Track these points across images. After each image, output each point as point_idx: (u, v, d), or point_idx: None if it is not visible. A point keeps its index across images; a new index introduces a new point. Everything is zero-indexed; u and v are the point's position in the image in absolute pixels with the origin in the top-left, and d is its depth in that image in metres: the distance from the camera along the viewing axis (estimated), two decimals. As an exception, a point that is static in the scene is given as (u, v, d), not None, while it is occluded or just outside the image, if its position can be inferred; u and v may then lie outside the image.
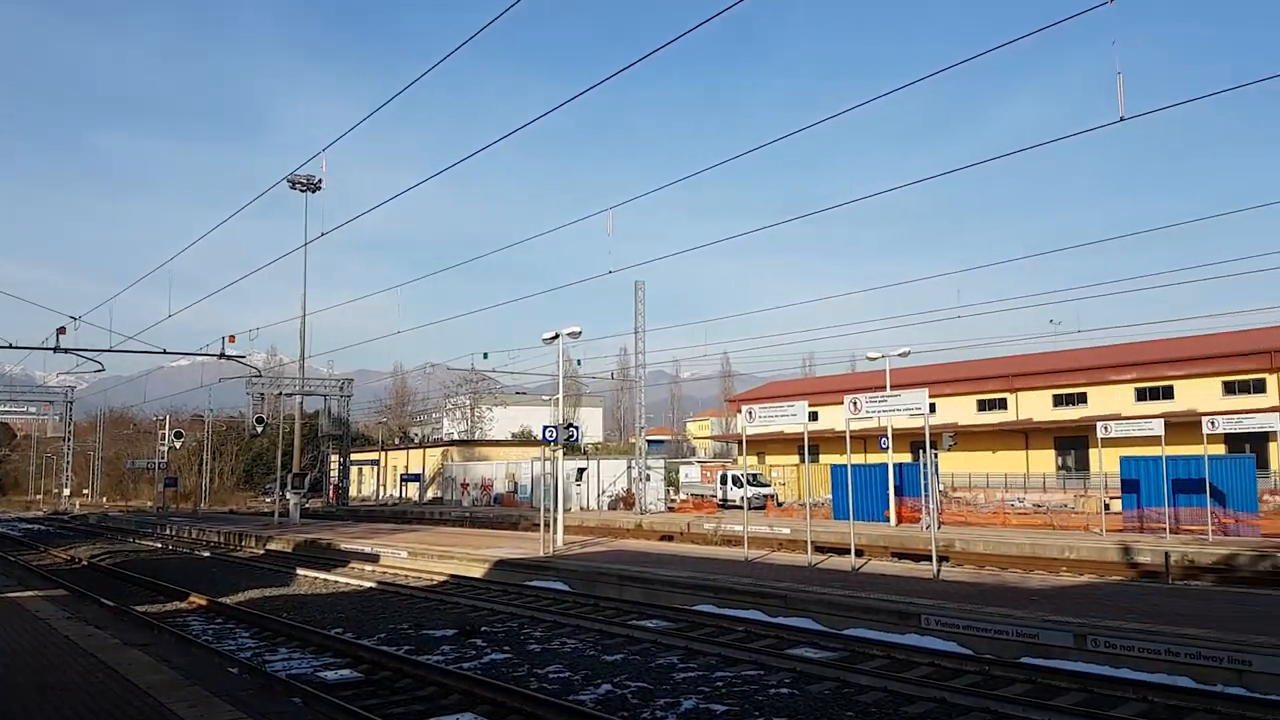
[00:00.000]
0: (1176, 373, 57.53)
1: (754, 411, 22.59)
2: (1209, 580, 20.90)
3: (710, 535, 33.70)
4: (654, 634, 14.14)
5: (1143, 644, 11.35)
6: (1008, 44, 14.72)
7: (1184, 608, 13.89)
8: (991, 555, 25.61)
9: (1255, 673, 10.27)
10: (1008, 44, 14.72)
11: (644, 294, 43.36)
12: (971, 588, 16.66)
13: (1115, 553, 23.88)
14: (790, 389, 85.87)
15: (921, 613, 13.77)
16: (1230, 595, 15.99)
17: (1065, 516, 35.75)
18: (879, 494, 35.26)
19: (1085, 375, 61.68)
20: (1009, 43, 14.67)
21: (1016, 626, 12.54)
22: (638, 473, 44.58)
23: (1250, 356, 54.41)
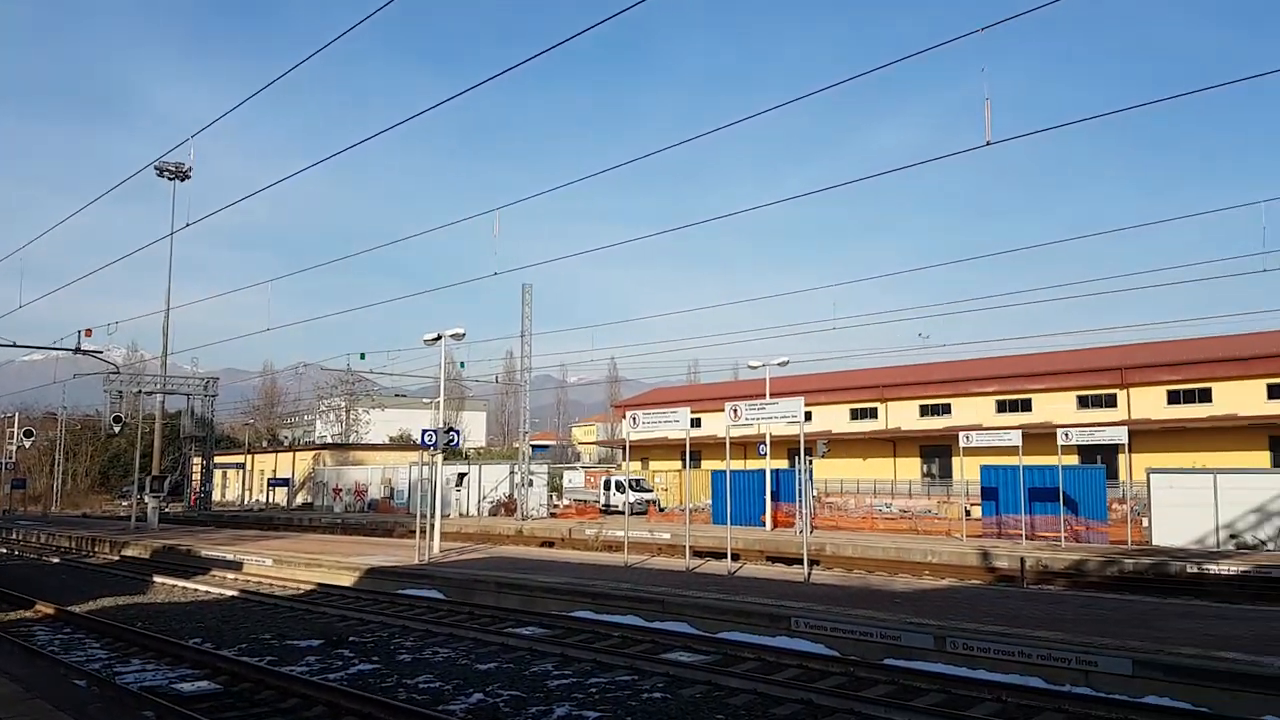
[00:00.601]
0: (1035, 386, 60.75)
1: (638, 417, 22.71)
2: (1061, 584, 22.09)
3: (592, 541, 33.67)
4: (529, 641, 14.01)
5: (998, 646, 11.87)
6: (883, 67, 15.24)
7: (1037, 611, 14.61)
8: (860, 559, 26.43)
9: (1100, 673, 10.87)
10: (883, 67, 15.24)
11: (531, 297, 43.07)
12: (840, 590, 17.13)
13: (975, 557, 24.97)
14: (675, 395, 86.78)
15: (792, 615, 14.07)
16: (1080, 599, 16.91)
17: (929, 522, 37.24)
18: (756, 499, 35.98)
19: (950, 387, 64.51)
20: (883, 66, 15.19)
21: (880, 628, 12.95)
22: (520, 478, 44.19)
23: (1103, 373, 57.94)
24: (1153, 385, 56.12)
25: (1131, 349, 58.96)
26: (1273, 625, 12.92)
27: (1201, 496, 27.86)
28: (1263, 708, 9.47)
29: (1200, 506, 27.77)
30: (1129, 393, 56.81)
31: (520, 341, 43.08)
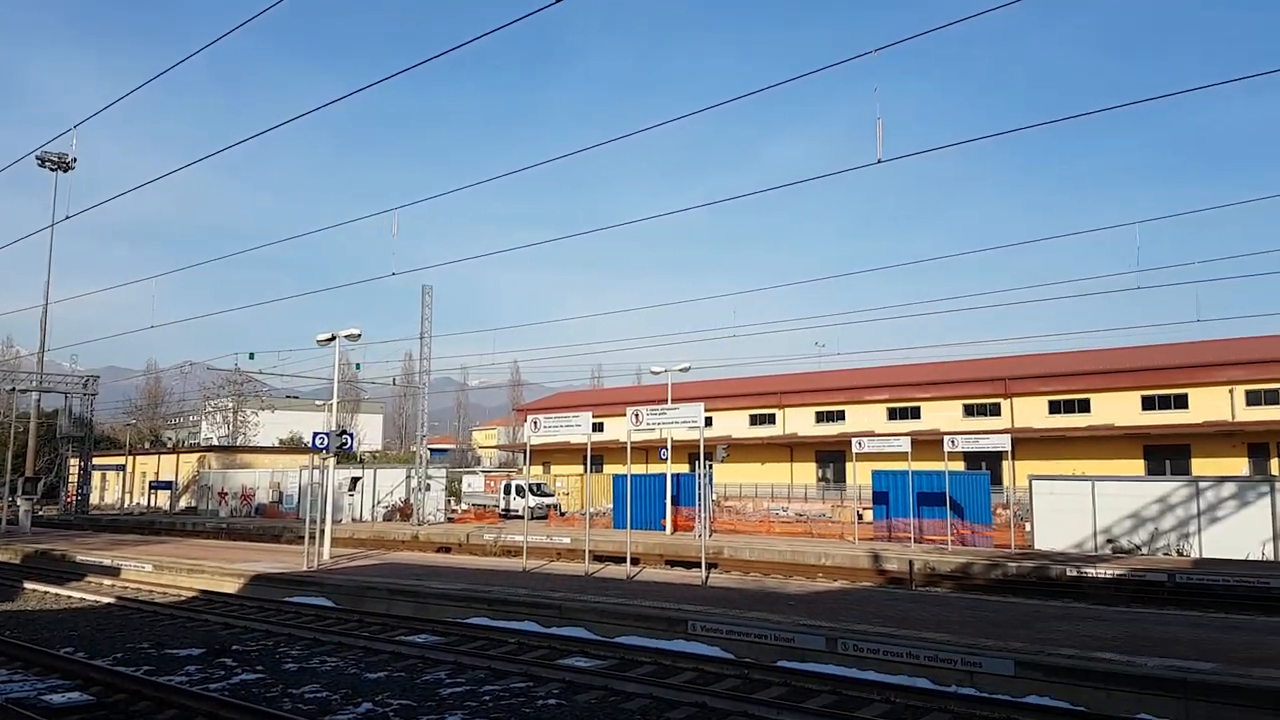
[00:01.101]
0: (924, 395, 62.76)
1: (539, 421, 22.51)
2: (948, 586, 22.79)
3: (490, 546, 33.22)
4: (422, 649, 13.68)
5: (887, 647, 12.13)
6: (779, 84, 15.51)
7: (925, 613, 15.01)
8: (757, 562, 26.76)
9: (985, 674, 11.21)
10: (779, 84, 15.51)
11: (432, 299, 42.32)
12: (737, 593, 17.28)
13: (866, 560, 25.57)
14: (577, 399, 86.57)
15: (689, 619, 14.11)
16: (965, 601, 17.45)
17: (824, 525, 38.00)
18: (657, 503, 36.11)
19: (844, 395, 66.15)
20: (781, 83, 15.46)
21: (775, 631, 13.10)
22: (417, 482, 43.33)
23: (988, 383, 60.26)
24: (1035, 395, 58.61)
25: (1015, 361, 61.50)
26: (1146, 627, 13.54)
27: (1080, 503, 29.14)
28: (1137, 706, 9.90)
29: (1079, 512, 29.03)
30: (1012, 402, 59.20)
31: (419, 343, 42.30)
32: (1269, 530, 26.02)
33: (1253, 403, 51.67)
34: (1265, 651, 11.30)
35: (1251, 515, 26.45)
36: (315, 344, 25.20)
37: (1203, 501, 27.17)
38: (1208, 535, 26.84)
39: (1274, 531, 25.96)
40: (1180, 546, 27.08)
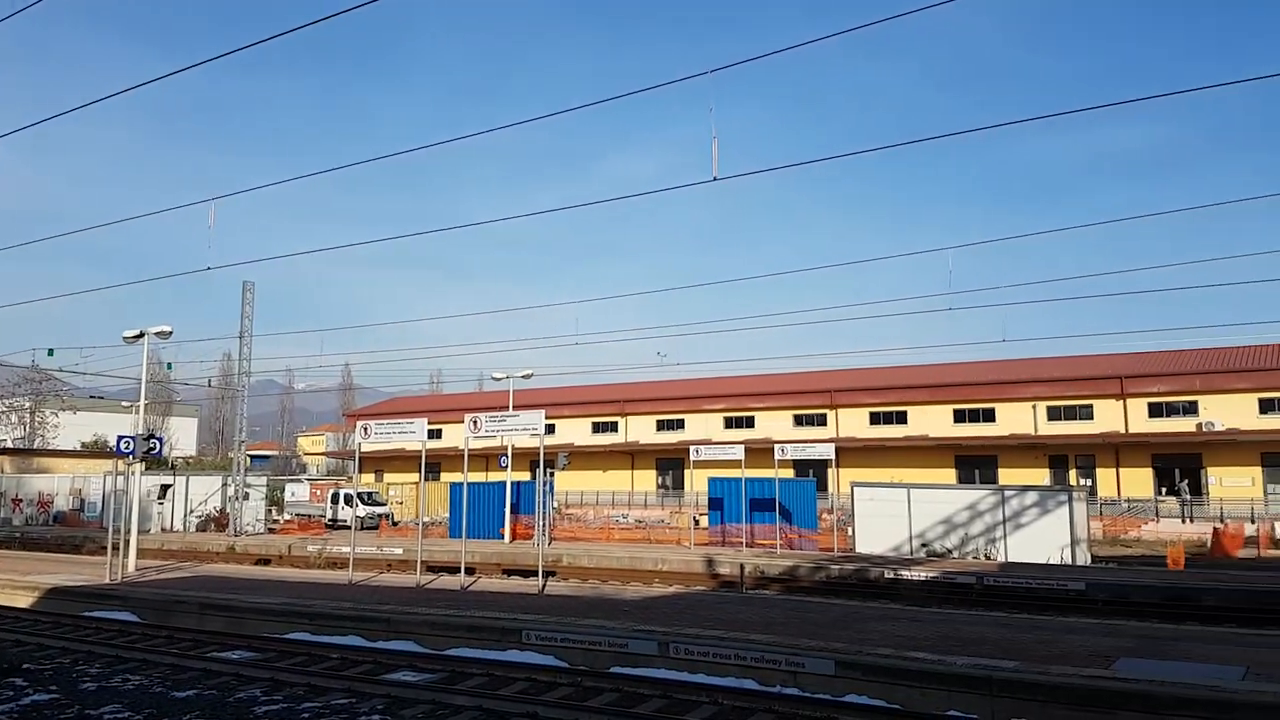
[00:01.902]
0: (757, 405, 64.76)
1: (370, 427, 21.73)
2: (776, 589, 23.47)
3: (314, 558, 31.81)
4: (236, 666, 12.89)
5: (717, 650, 12.33)
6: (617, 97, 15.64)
7: (753, 615, 15.37)
8: (595, 569, 26.78)
9: (807, 674, 11.55)
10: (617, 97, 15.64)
11: (254, 295, 40.22)
12: (574, 601, 17.20)
13: (701, 564, 26.04)
14: (414, 405, 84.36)
15: (523, 628, 13.91)
16: (791, 603, 18.00)
17: (662, 531, 38.52)
18: (496, 512, 35.57)
19: (684, 404, 67.44)
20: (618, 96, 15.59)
21: (609, 637, 13.09)
22: (234, 490, 41.00)
23: (815, 394, 62.81)
24: (858, 407, 61.49)
25: (840, 374, 64.35)
26: (956, 627, 14.33)
27: (898, 508, 30.69)
28: (947, 703, 10.43)
29: (897, 517, 30.56)
30: (837, 413, 61.91)
31: (239, 342, 40.10)
32: (1067, 536, 28.15)
33: (1053, 418, 55.98)
34: (1062, 649, 12.16)
35: (1051, 522, 28.56)
36: (122, 341, 23.46)
37: (1008, 509, 29.15)
38: (1012, 540, 28.80)
39: (1071, 537, 28.11)
40: (988, 550, 28.95)
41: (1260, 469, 49.15)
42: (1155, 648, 12.36)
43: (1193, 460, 50.85)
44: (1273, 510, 46.06)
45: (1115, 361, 57.37)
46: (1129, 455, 52.55)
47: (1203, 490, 49.65)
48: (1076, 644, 12.53)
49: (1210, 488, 49.66)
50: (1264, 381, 50.83)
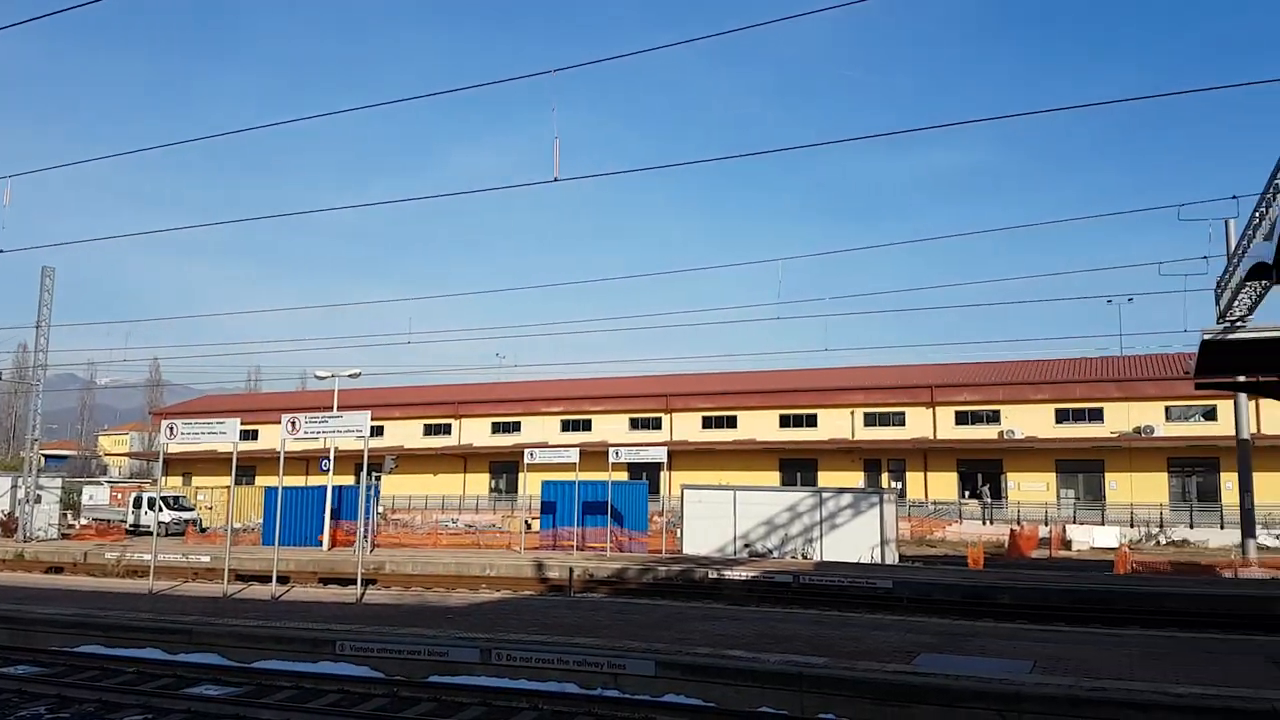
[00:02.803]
0: (594, 408, 65.10)
1: (176, 426, 20.41)
2: (604, 592, 23.55)
3: (112, 566, 29.56)
4: (19, 681, 11.83)
5: (539, 654, 12.21)
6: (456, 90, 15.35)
7: (578, 618, 15.35)
8: (419, 576, 26.10)
9: (629, 675, 11.61)
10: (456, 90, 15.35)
11: (54, 282, 37.09)
12: (394, 609, 16.67)
13: (530, 569, 25.84)
14: (228, 404, 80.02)
15: (337, 639, 13.36)
16: (617, 605, 18.10)
17: (492, 536, 38.05)
18: (315, 517, 34.07)
19: (521, 406, 66.95)
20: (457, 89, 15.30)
21: (428, 646, 12.75)
22: (26, 493, 37.62)
23: (650, 398, 63.76)
24: (691, 411, 62.86)
25: (674, 379, 65.59)
26: (773, 625, 14.77)
27: (724, 510, 31.49)
28: (760, 699, 10.71)
29: (723, 519, 31.35)
30: (672, 417, 63.06)
31: (36, 332, 36.89)
32: (877, 536, 29.65)
33: (870, 424, 58.96)
34: (869, 646, 12.73)
35: (864, 523, 30.01)
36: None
37: (825, 510, 30.43)
38: (828, 540, 30.07)
39: (881, 537, 29.63)
40: (805, 550, 30.12)
41: (1054, 474, 53.42)
42: (954, 643, 13.13)
43: (994, 466, 54.72)
44: (1064, 513, 50.11)
45: (927, 372, 61.06)
46: (936, 460, 55.99)
47: (1002, 494, 53.51)
48: (882, 640, 13.16)
49: (1009, 492, 53.58)
50: (1060, 393, 55.32)
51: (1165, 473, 51.04)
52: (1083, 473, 52.85)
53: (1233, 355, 22.22)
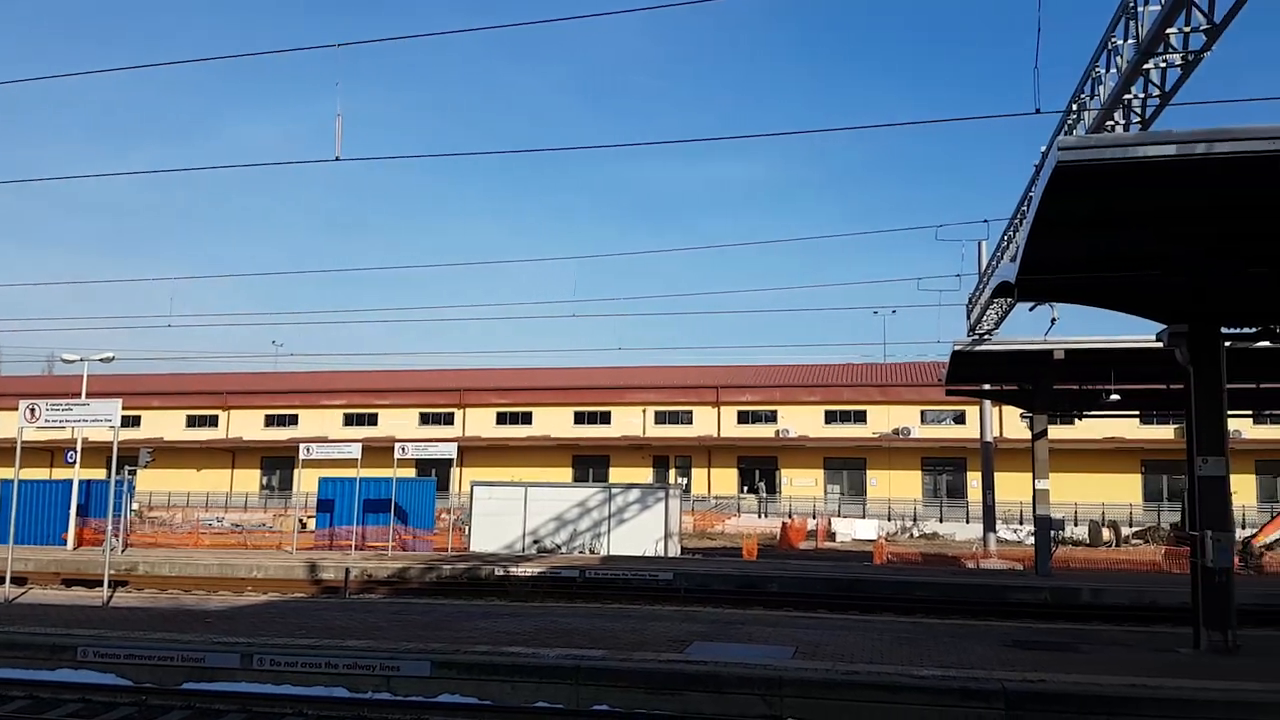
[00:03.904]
0: (381, 402, 63.07)
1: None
2: (383, 592, 22.82)
3: None
4: None
5: (307, 659, 11.63)
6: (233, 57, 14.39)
7: (352, 620, 14.76)
8: (177, 578, 24.32)
9: (402, 677, 11.26)
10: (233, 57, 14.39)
11: None
12: (145, 613, 15.40)
13: (303, 570, 24.66)
14: (-41, 389, 71.36)
15: (79, 644, 12.17)
16: (395, 606, 17.57)
17: (262, 536, 35.99)
18: (59, 514, 31.00)
19: (299, 398, 63.80)
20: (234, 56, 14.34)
21: (183, 651, 11.85)
22: None
23: (443, 393, 62.55)
24: (485, 407, 62.20)
25: (468, 373, 64.69)
26: (554, 620, 14.80)
27: (515, 506, 31.37)
28: (537, 694, 10.68)
29: (512, 516, 31.23)
30: (465, 412, 62.12)
31: None
32: (662, 530, 30.44)
33: (660, 422, 60.57)
34: (646, 636, 13.00)
35: (650, 517, 30.75)
36: None
37: (614, 505, 30.94)
38: (616, 534, 30.60)
39: (665, 531, 30.45)
40: (593, 545, 30.50)
41: (822, 471, 56.95)
42: (725, 631, 13.65)
43: (770, 462, 57.67)
44: (830, 507, 53.44)
45: (713, 373, 63.38)
46: (719, 457, 58.30)
47: (777, 489, 56.45)
48: (659, 631, 13.49)
49: (783, 487, 56.63)
50: (829, 396, 59.01)
51: (919, 471, 55.56)
52: (847, 469, 56.63)
53: (979, 365, 24.48)
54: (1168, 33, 10.99)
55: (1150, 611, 19.49)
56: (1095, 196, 10.97)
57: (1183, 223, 11.71)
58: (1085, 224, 11.75)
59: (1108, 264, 12.85)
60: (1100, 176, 10.27)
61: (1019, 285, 13.13)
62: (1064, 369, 22.34)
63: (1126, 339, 20.05)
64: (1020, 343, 22.30)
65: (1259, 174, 9.78)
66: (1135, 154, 9.97)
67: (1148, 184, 10.73)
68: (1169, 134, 10.15)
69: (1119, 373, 22.28)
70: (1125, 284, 12.91)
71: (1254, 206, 10.73)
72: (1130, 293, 12.91)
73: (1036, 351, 21.73)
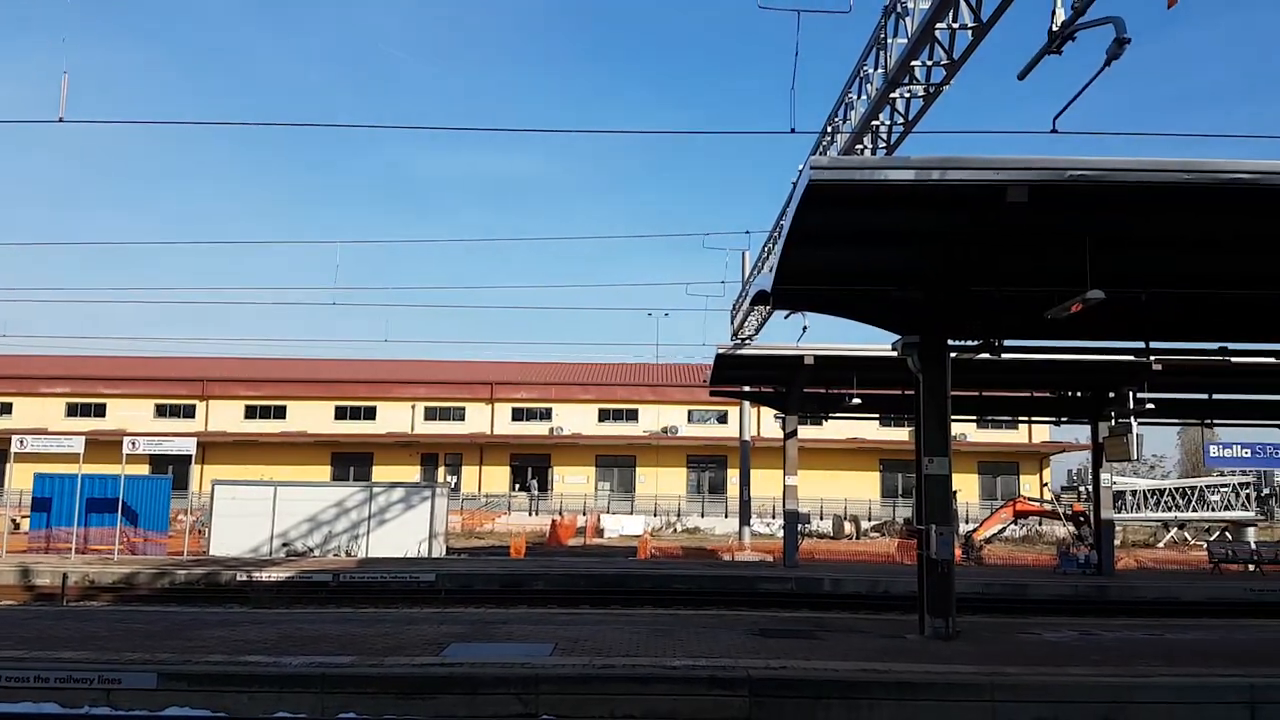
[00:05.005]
0: (111, 391, 57.61)
1: None
2: (108, 599, 20.79)
3: None
4: None
5: (12, 673, 10.35)
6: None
7: (69, 630, 13.28)
8: None
9: (123, 690, 10.24)
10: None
11: None
12: None
13: (13, 576, 22.09)
14: None
15: None
16: (119, 614, 15.98)
17: (-36, 539, 31.74)
18: None
19: (14, 384, 57.20)
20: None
21: None
22: None
23: (183, 383, 57.98)
24: (232, 399, 58.28)
25: (213, 362, 60.37)
26: (300, 626, 13.95)
27: (263, 507, 29.44)
28: (278, 704, 10.01)
29: (261, 516, 29.31)
30: (209, 404, 57.93)
31: None
32: (426, 530, 29.63)
33: (430, 418, 59.14)
34: (401, 640, 12.53)
35: (414, 517, 29.84)
36: None
37: (375, 505, 29.79)
38: (376, 536, 29.46)
39: (430, 531, 29.66)
40: (350, 547, 29.21)
41: (594, 468, 57.73)
42: (485, 631, 13.42)
43: (543, 460, 57.82)
44: (601, 504, 54.28)
45: (487, 369, 62.71)
46: (492, 454, 57.75)
47: (549, 487, 56.67)
48: (416, 634, 13.06)
49: (555, 484, 56.90)
50: (603, 395, 60.00)
51: (685, 468, 57.62)
52: (618, 467, 57.79)
53: (740, 368, 25.70)
54: (912, 65, 11.87)
55: (884, 600, 21.19)
56: (844, 214, 11.74)
57: (918, 242, 12.78)
58: (834, 239, 12.55)
59: (854, 278, 13.81)
60: (848, 195, 11.00)
61: (775, 294, 13.84)
62: (814, 373, 23.87)
63: (870, 347, 21.71)
64: (776, 348, 23.60)
65: (984, 200, 10.80)
66: (878, 177, 10.76)
67: (889, 205, 11.61)
68: (908, 160, 11.04)
69: (861, 378, 24.09)
70: (867, 297, 13.90)
71: (978, 230, 11.85)
72: (871, 305, 13.90)
73: (790, 356, 23.07)
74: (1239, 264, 13.11)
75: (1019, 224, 11.61)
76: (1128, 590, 22.87)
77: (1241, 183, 10.04)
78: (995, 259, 12.92)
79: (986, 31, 10.58)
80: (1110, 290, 11.58)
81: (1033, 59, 9.64)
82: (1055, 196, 10.56)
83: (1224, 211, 11.34)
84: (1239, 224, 11.78)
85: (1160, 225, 11.94)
